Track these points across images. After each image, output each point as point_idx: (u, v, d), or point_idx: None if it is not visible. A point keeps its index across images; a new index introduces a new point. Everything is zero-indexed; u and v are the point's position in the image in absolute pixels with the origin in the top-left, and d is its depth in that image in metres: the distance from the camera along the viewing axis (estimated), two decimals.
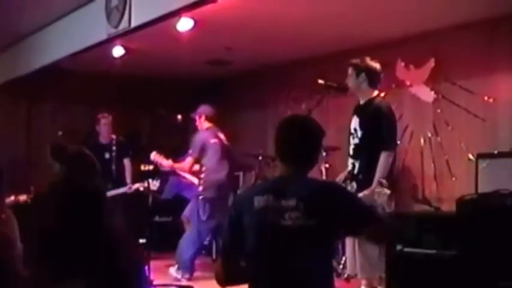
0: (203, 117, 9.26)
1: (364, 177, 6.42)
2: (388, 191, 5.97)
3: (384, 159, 6.32)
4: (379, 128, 6.48)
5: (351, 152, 6.71)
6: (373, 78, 6.67)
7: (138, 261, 3.34)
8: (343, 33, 9.07)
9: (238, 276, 3.66)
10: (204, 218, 8.84)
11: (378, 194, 6.03)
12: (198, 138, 9.08)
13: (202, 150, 8.98)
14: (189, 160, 9.10)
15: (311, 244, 3.45)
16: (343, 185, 6.55)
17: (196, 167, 9.16)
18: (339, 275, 8.14)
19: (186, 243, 8.92)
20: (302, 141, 3.70)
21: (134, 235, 10.05)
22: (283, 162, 3.69)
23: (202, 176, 9.01)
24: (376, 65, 6.71)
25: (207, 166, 8.98)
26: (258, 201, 3.53)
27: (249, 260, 3.59)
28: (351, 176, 6.65)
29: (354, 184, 6.52)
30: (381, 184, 5.95)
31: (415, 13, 8.20)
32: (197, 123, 9.34)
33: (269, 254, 3.48)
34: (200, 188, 9.01)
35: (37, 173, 10.91)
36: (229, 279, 3.70)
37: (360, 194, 6.09)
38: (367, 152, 6.51)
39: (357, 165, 6.62)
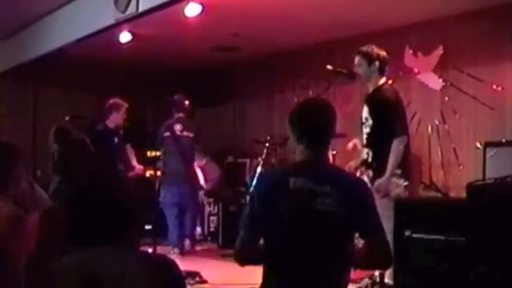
0: (174, 107, 9.88)
1: (378, 165, 6.48)
2: (404, 182, 6.05)
3: (395, 145, 6.35)
4: (387, 116, 6.48)
5: (365, 142, 6.72)
6: (383, 67, 6.67)
7: None
8: (351, 20, 9.05)
9: (256, 255, 3.65)
10: (161, 200, 9.76)
11: (395, 184, 6.28)
12: (158, 133, 10.03)
13: (161, 142, 9.84)
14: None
15: (336, 231, 3.49)
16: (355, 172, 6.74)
17: None
18: None
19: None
20: (327, 124, 3.74)
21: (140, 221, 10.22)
22: (308, 145, 3.67)
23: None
24: (384, 53, 6.70)
25: (163, 157, 9.83)
26: (294, 182, 3.53)
27: (272, 238, 3.58)
28: (367, 164, 6.68)
29: (370, 172, 6.56)
30: (398, 175, 6.06)
31: (423, 0, 8.17)
32: None
33: (297, 235, 3.49)
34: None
35: (43, 158, 10.91)
36: (249, 257, 3.69)
37: (376, 183, 6.27)
38: (378, 140, 6.54)
39: (370, 153, 6.65)
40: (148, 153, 9.99)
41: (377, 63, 6.62)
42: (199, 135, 10.21)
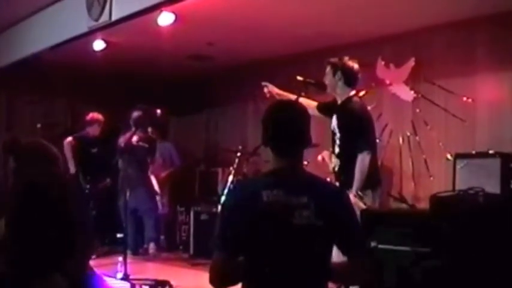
0: (131, 122, 10.17)
1: (345, 178, 6.50)
2: (363, 205, 6.05)
3: (359, 161, 6.38)
4: (353, 129, 6.53)
5: (335, 151, 6.74)
6: (349, 78, 6.71)
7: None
8: (325, 31, 9.09)
9: (236, 273, 3.39)
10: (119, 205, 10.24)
11: (354, 204, 6.20)
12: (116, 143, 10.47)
13: (119, 152, 10.18)
14: None
15: (317, 244, 3.31)
16: None
17: None
18: None
19: None
20: (302, 130, 3.53)
21: (112, 229, 10.29)
22: (282, 154, 3.49)
23: None
24: (354, 65, 6.72)
25: (120, 166, 10.28)
26: (267, 196, 3.31)
27: (250, 256, 3.35)
28: (335, 175, 6.71)
29: (337, 184, 6.55)
30: (360, 197, 6.05)
31: (395, 12, 8.23)
32: None
33: (274, 251, 3.30)
34: None
35: None
36: (229, 277, 3.40)
37: None
38: (345, 153, 6.58)
39: (338, 165, 6.67)
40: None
41: (339, 72, 6.66)
42: (153, 147, 11.03)
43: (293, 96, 6.83)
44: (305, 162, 8.48)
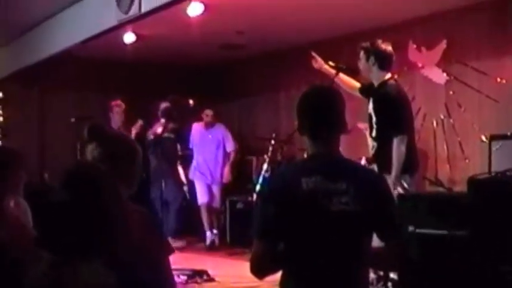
0: (159, 113, 10.67)
1: (381, 161, 6.48)
2: (401, 191, 6.04)
3: (395, 146, 6.33)
4: (389, 113, 6.47)
5: (372, 134, 6.72)
6: (382, 61, 6.60)
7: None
8: (356, 15, 9.05)
9: (277, 262, 3.36)
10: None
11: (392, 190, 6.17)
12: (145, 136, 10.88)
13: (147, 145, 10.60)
14: None
15: (356, 230, 3.29)
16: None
17: None
18: None
19: None
20: (338, 115, 3.46)
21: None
22: (319, 139, 3.42)
23: None
24: (387, 48, 6.62)
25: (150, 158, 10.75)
26: (307, 183, 3.27)
27: (290, 243, 3.33)
28: (373, 158, 6.70)
29: (375, 166, 6.55)
30: (400, 184, 6.05)
31: None
32: None
33: (314, 238, 3.28)
34: None
35: (50, 160, 10.98)
36: (269, 265, 3.37)
37: None
38: (382, 136, 6.54)
39: (375, 147, 6.66)
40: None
41: (373, 57, 6.57)
42: (180, 136, 11.34)
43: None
44: None
